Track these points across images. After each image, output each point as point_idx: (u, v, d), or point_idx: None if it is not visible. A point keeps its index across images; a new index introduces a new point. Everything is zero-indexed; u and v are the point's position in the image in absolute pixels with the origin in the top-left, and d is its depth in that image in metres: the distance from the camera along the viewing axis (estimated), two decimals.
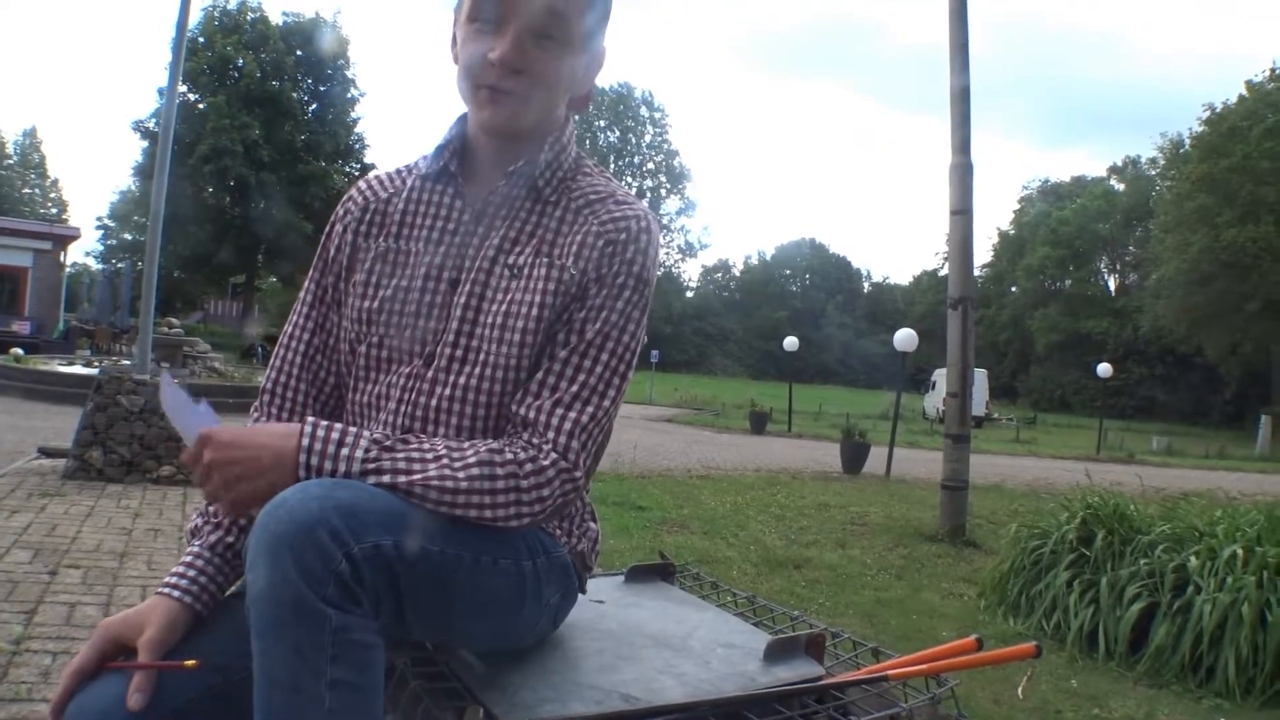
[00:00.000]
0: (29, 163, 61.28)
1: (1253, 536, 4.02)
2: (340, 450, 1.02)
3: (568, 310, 1.17)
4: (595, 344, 1.15)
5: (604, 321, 1.16)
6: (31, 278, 26.30)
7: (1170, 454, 24.40)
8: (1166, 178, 51.34)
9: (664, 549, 4.30)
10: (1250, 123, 38.76)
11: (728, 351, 77.07)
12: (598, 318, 1.16)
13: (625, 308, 1.17)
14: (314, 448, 1.01)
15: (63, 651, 2.88)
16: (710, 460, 12.41)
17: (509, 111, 1.17)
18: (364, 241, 1.28)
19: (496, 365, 1.16)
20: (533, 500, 1.08)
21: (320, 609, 0.88)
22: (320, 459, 1.01)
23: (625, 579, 1.70)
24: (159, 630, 1.05)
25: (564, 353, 1.15)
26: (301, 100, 39.36)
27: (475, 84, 1.17)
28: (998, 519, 7.94)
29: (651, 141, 73.62)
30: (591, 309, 1.16)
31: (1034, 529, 4.88)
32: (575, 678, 1.20)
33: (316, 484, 0.96)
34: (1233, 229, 38.00)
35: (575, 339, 1.15)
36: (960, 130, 7.37)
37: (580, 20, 1.18)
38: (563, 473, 1.10)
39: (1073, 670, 3.81)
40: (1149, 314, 48.24)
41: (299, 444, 1.01)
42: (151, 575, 3.89)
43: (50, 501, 5.27)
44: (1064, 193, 69.65)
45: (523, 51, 1.14)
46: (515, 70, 1.15)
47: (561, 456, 1.10)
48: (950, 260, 7.97)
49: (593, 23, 1.21)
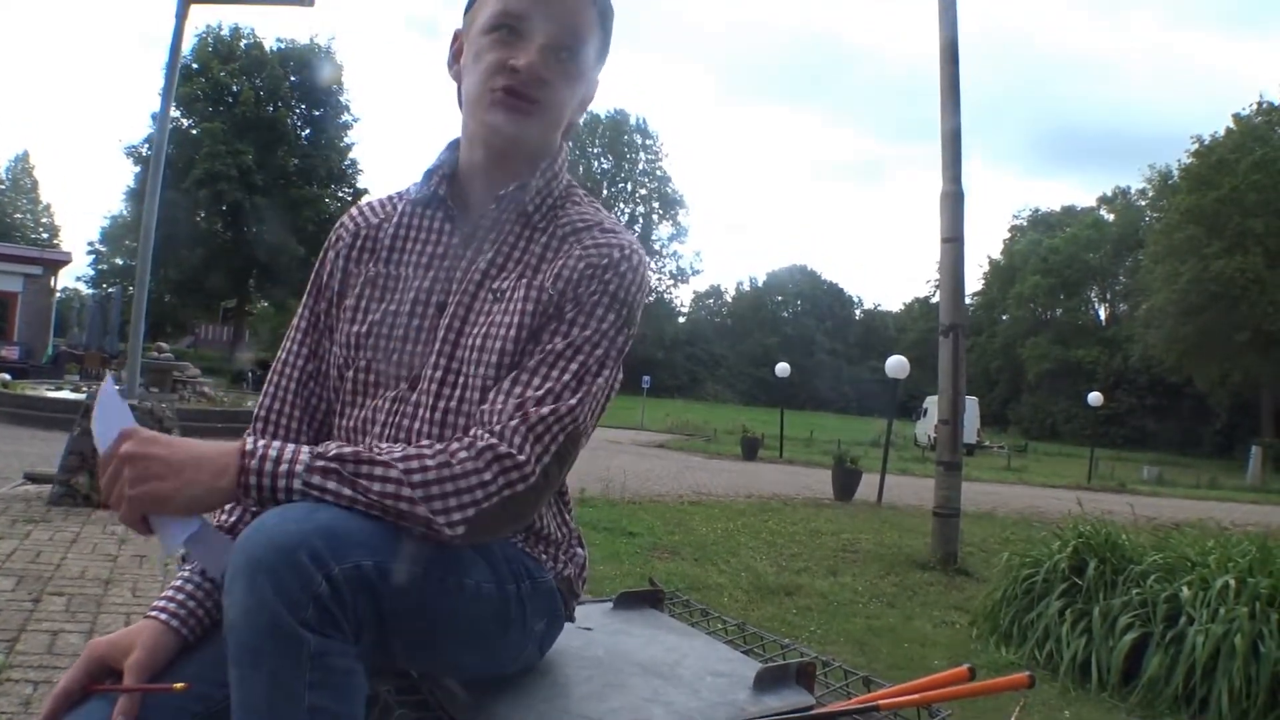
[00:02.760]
0: (21, 187, 61.16)
1: (1245, 567, 4.02)
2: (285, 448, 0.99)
3: (543, 328, 1.16)
4: (564, 355, 1.13)
5: (574, 336, 1.14)
6: (21, 302, 26.16)
7: (1161, 483, 24.45)
8: (1155, 208, 51.82)
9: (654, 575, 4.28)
10: (1238, 155, 39.22)
11: (719, 377, 77.11)
12: (569, 332, 1.14)
13: (600, 325, 1.15)
14: (257, 451, 0.98)
15: (44, 680, 2.83)
16: (701, 486, 12.38)
17: (523, 116, 1.18)
18: (355, 267, 1.28)
19: (476, 386, 1.15)
20: (474, 487, 1.01)
21: (298, 633, 0.86)
22: (261, 462, 0.97)
23: (614, 605, 1.69)
24: (145, 653, 1.03)
25: (531, 362, 1.13)
26: (295, 125, 39.53)
27: (491, 86, 1.17)
28: (989, 547, 7.92)
29: (644, 168, 74.04)
30: (564, 325, 1.15)
31: (1026, 557, 4.86)
32: (562, 706, 1.19)
33: (295, 507, 0.94)
34: (1221, 260, 38.33)
35: (543, 349, 1.14)
36: (951, 167, 7.43)
37: (592, 47, 1.23)
38: (502, 458, 1.03)
39: (1065, 701, 3.79)
40: (1139, 344, 48.56)
41: (241, 446, 0.99)
42: (136, 602, 3.85)
43: (35, 528, 5.22)
44: (1054, 222, 70.26)
45: (547, 64, 1.17)
46: (538, 80, 1.16)
47: (501, 440, 1.04)
48: (942, 288, 8.00)
49: (599, 52, 1.26)
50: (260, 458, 0.98)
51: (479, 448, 1.04)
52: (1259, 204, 37.64)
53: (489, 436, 1.06)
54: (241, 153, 35.41)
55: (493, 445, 1.05)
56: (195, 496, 0.96)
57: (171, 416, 6.74)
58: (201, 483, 0.96)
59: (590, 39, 1.21)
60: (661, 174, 74.09)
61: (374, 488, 0.98)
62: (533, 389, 1.10)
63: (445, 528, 1.00)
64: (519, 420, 1.07)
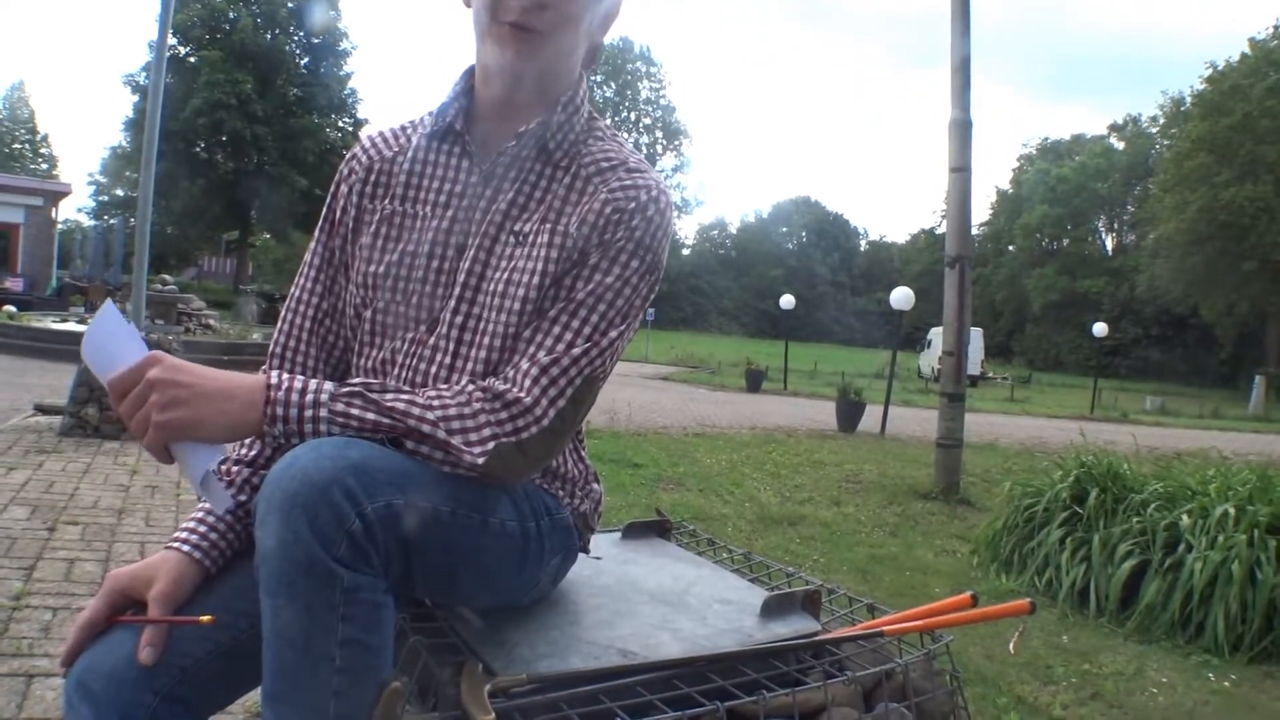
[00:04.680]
0: (18, 117, 60.44)
1: (1245, 495, 4.05)
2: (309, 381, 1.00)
3: (566, 274, 1.14)
4: (586, 304, 1.12)
5: (597, 284, 1.12)
6: (23, 234, 26.09)
7: (1164, 414, 24.49)
8: (1167, 136, 51.06)
9: (660, 506, 4.33)
10: (1252, 80, 38.43)
11: (723, 309, 76.96)
12: (591, 278, 1.13)
13: (624, 272, 1.13)
14: (282, 383, 0.99)
15: (62, 607, 2.89)
16: (706, 418, 12.44)
17: (533, 49, 1.13)
18: (369, 203, 1.25)
19: (496, 333, 1.14)
20: (489, 424, 1.04)
21: (332, 568, 0.88)
22: (288, 393, 0.98)
23: (622, 535, 1.71)
24: (168, 584, 1.05)
25: (553, 311, 1.12)
26: (294, 54, 38.89)
27: (497, 20, 1.12)
28: (991, 477, 7.99)
29: (648, 97, 72.93)
30: (587, 270, 1.13)
31: (1027, 487, 4.91)
32: (573, 633, 1.21)
33: (328, 442, 0.94)
34: (1231, 188, 37.86)
35: (565, 296, 1.12)
36: (960, 96, 7.30)
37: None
38: (512, 404, 1.05)
39: (1064, 626, 3.85)
40: (1146, 274, 48.24)
41: (266, 379, 0.99)
42: (150, 531, 3.91)
43: (47, 458, 5.28)
44: (1063, 151, 69.31)
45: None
46: (540, 6, 1.11)
47: (514, 385, 1.07)
48: (948, 219, 7.93)
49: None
50: (286, 389, 0.98)
51: (495, 391, 1.06)
52: (1271, 130, 36.99)
53: (503, 383, 1.07)
54: (240, 81, 34.94)
55: (506, 390, 1.06)
56: (226, 426, 0.97)
57: (178, 349, 6.76)
58: (231, 413, 0.96)
59: None
60: (666, 103, 73.05)
61: (399, 407, 1.00)
62: (551, 338, 1.10)
63: (465, 453, 1.02)
64: (537, 370, 1.08)
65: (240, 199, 37.03)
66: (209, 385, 0.96)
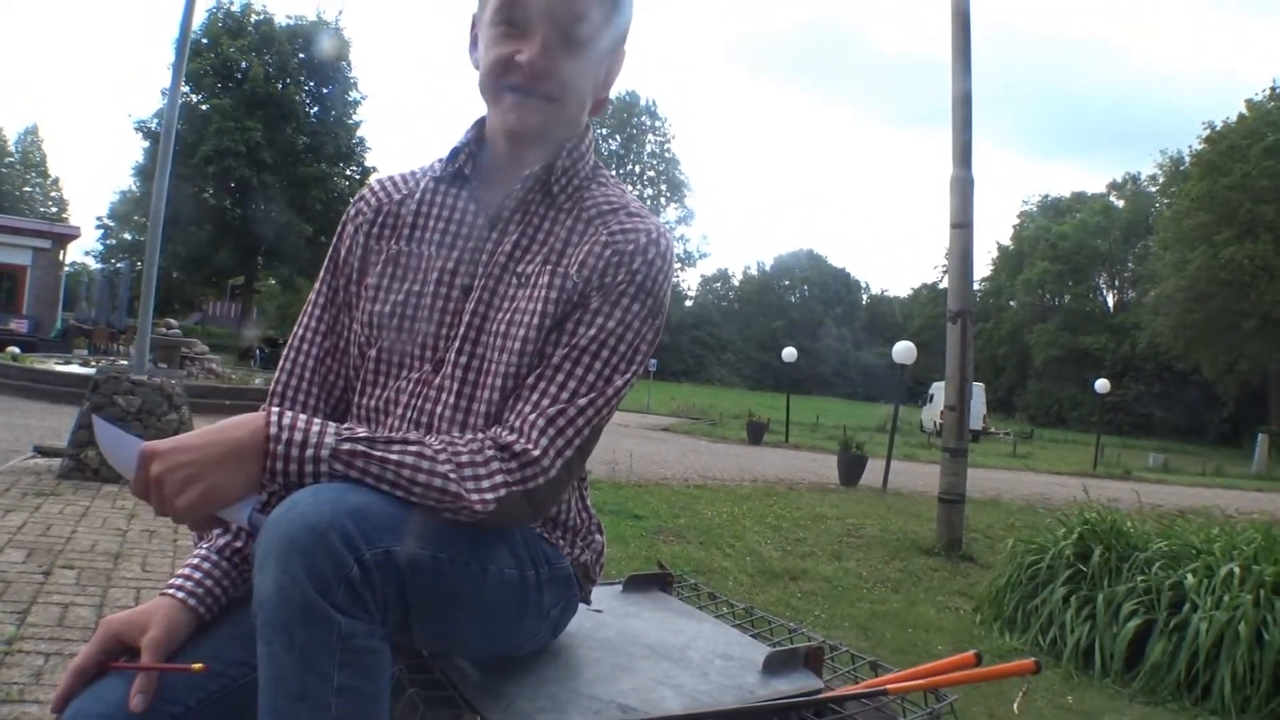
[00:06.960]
0: (30, 161, 61.20)
1: (1249, 555, 4.01)
2: (310, 427, 0.98)
3: (568, 317, 1.14)
4: (589, 350, 1.12)
5: (599, 328, 1.13)
6: (30, 276, 26.25)
7: (1167, 471, 24.39)
8: (1166, 195, 51.53)
9: (661, 558, 4.29)
10: (1250, 141, 38.93)
11: (725, 361, 77.07)
12: (593, 322, 1.13)
13: (625, 316, 1.14)
14: (283, 422, 0.98)
15: (55, 653, 2.86)
16: (707, 470, 12.39)
17: (537, 115, 1.16)
18: (376, 244, 1.26)
19: (499, 373, 1.14)
20: (497, 472, 1.03)
21: (329, 614, 0.87)
22: (288, 447, 0.97)
23: (623, 588, 1.70)
24: (163, 632, 1.04)
25: (556, 358, 1.12)
26: (304, 103, 39.41)
27: (501, 86, 1.16)
28: (994, 533, 7.93)
29: (653, 150, 73.78)
30: (589, 315, 1.14)
31: (1031, 544, 4.86)
32: (573, 687, 1.19)
33: (328, 487, 0.95)
34: (1231, 247, 38.14)
35: (568, 342, 1.13)
36: (961, 136, 7.33)
37: (605, 24, 1.18)
38: (520, 454, 1.05)
39: (1068, 686, 3.80)
40: (1147, 330, 48.38)
41: (265, 423, 0.97)
42: (146, 576, 3.88)
43: (45, 501, 5.25)
44: (1063, 208, 69.86)
45: (551, 55, 1.14)
46: (544, 74, 1.13)
47: (521, 436, 1.07)
48: (950, 273, 7.96)
49: (617, 26, 1.21)
50: (286, 442, 0.97)
51: (503, 443, 1.06)
52: (1270, 190, 37.37)
53: (509, 434, 1.07)
54: (250, 129, 35.34)
55: (513, 442, 1.06)
56: (245, 482, 0.97)
57: (180, 393, 6.76)
58: (245, 468, 0.97)
59: (596, 14, 1.15)
60: (670, 156, 73.92)
61: (407, 461, 0.99)
62: (556, 386, 1.10)
63: (477, 502, 1.01)
64: (544, 421, 1.08)
65: (246, 245, 37.27)
66: (213, 451, 0.96)
